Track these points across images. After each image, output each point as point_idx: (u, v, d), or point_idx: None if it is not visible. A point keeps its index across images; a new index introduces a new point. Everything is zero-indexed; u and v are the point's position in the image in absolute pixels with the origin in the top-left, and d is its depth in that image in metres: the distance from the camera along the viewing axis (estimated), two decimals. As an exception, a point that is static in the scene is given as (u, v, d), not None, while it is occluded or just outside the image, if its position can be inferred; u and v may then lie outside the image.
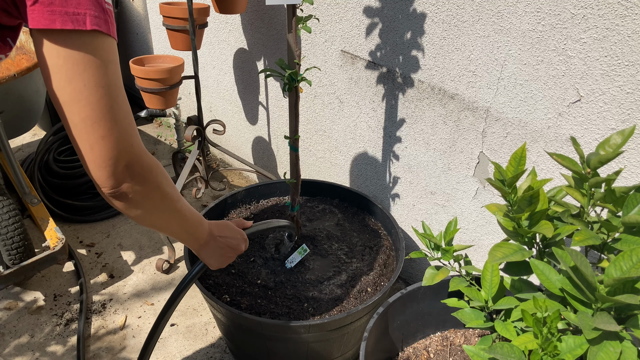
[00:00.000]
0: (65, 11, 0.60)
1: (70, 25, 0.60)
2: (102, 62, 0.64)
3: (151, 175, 0.75)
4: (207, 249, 1.01)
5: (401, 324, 1.33)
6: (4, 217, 1.73)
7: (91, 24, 0.62)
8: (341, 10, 1.74)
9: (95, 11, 0.62)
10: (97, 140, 0.66)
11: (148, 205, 0.77)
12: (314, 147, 2.15)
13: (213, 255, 1.02)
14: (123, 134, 0.68)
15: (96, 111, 0.65)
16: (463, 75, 1.46)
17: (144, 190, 0.75)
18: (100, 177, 0.69)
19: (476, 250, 1.66)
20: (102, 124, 0.66)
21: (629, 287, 0.77)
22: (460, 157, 1.57)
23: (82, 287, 1.94)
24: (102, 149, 0.67)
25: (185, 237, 0.93)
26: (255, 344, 1.46)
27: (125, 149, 0.69)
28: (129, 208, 0.76)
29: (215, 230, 1.01)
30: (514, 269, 1.00)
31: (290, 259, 1.62)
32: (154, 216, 0.81)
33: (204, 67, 2.63)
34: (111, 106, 0.66)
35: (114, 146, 0.67)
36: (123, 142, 0.68)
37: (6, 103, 1.93)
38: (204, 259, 1.03)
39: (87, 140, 0.66)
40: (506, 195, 0.94)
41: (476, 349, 0.89)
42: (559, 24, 1.21)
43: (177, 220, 0.87)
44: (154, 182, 0.76)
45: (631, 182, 1.21)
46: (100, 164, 0.68)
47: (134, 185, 0.73)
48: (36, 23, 0.60)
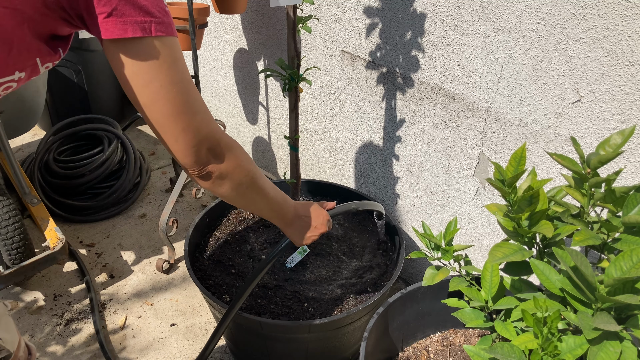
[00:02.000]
0: (134, 20, 0.66)
1: (139, 33, 0.66)
2: (172, 62, 0.70)
3: (232, 154, 0.83)
4: (293, 227, 1.07)
5: (401, 324, 1.33)
6: (4, 217, 1.73)
7: (156, 30, 0.68)
8: (341, 10, 1.74)
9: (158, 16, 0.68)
10: (180, 133, 0.74)
11: (232, 183, 0.85)
12: (314, 147, 2.15)
13: (298, 233, 1.09)
14: (201, 123, 0.76)
15: (175, 107, 0.72)
16: (463, 75, 1.46)
17: (227, 169, 0.83)
18: (188, 163, 0.78)
19: (476, 250, 1.66)
20: (182, 117, 0.73)
21: (629, 287, 0.77)
22: (460, 157, 1.58)
23: (89, 284, 1.94)
24: (185, 140, 0.75)
25: (271, 214, 1.00)
26: (255, 344, 1.46)
27: (205, 136, 0.77)
28: (216, 186, 0.84)
29: (301, 209, 1.08)
30: (514, 269, 0.99)
31: (290, 259, 1.62)
32: (240, 193, 0.88)
33: (204, 67, 2.63)
34: (187, 100, 0.73)
35: (195, 135, 0.75)
36: (203, 130, 0.76)
37: (6, 103, 1.93)
38: (289, 235, 1.10)
39: (172, 134, 0.74)
40: (506, 195, 0.94)
41: (476, 349, 0.89)
42: (559, 24, 1.21)
43: (262, 197, 0.93)
44: (236, 162, 0.84)
45: (631, 182, 1.21)
46: (186, 153, 0.76)
47: (218, 165, 0.81)
48: (110, 34, 0.66)
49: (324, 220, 1.13)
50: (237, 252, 1.68)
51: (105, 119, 2.64)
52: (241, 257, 1.66)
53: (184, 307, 1.90)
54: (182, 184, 2.10)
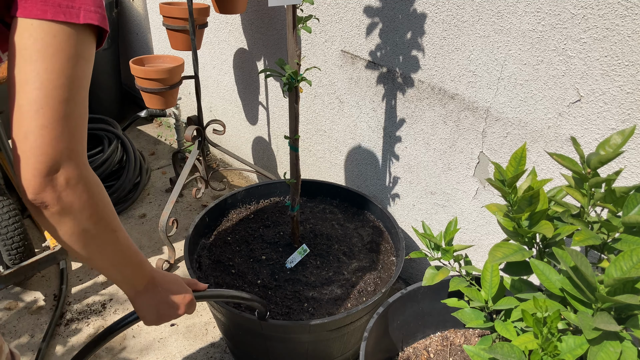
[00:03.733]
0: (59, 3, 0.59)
1: (62, 17, 0.59)
2: (76, 55, 0.60)
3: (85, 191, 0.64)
4: (144, 298, 0.84)
5: (401, 324, 1.33)
6: (4, 217, 1.73)
7: (85, 17, 0.60)
8: (341, 10, 1.74)
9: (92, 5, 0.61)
10: (35, 129, 0.59)
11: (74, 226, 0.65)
12: (314, 147, 2.15)
13: (149, 307, 0.85)
14: (67, 133, 0.60)
15: (47, 97, 0.59)
16: (463, 75, 1.46)
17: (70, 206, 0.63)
18: (26, 173, 0.60)
19: (476, 250, 1.66)
20: (47, 113, 0.59)
21: (629, 287, 0.77)
22: (460, 157, 1.57)
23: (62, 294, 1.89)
24: (37, 140, 0.59)
25: (119, 277, 0.78)
26: (255, 344, 1.46)
27: (64, 150, 0.60)
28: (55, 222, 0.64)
29: (160, 279, 0.85)
30: (514, 269, 1.00)
31: (291, 259, 1.63)
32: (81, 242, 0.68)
33: (204, 67, 2.63)
34: (66, 99, 0.60)
35: (51, 141, 0.59)
36: (64, 141, 0.60)
37: (6, 103, 1.93)
38: (137, 309, 0.85)
39: (26, 125, 0.59)
40: (506, 195, 0.94)
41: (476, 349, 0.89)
42: (559, 24, 1.21)
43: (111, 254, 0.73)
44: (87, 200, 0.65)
45: (631, 182, 1.21)
46: (30, 157, 0.59)
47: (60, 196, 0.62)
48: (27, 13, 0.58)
49: (186, 301, 0.89)
50: (237, 252, 1.68)
51: (105, 119, 2.64)
52: (241, 257, 1.66)
53: (184, 307, 1.90)
54: (182, 184, 2.10)
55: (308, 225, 1.80)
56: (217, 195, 2.55)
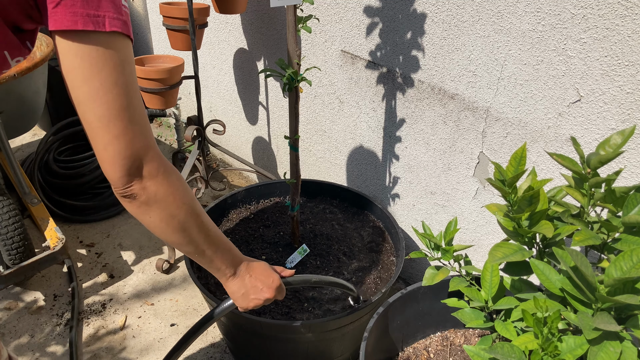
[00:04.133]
0: (86, 13, 0.62)
1: (91, 26, 0.62)
2: (119, 62, 0.65)
3: (167, 179, 0.73)
4: (237, 283, 0.91)
5: (401, 324, 1.33)
6: (4, 217, 1.73)
7: (110, 25, 0.63)
8: (341, 10, 1.74)
9: (114, 13, 0.64)
10: (111, 140, 0.66)
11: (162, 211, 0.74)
12: (314, 147, 2.15)
13: (241, 292, 0.92)
14: (137, 135, 0.68)
15: (112, 110, 0.65)
16: (463, 75, 1.46)
17: (156, 193, 0.72)
18: (113, 176, 0.69)
19: (476, 250, 1.66)
20: (117, 123, 0.66)
21: (629, 287, 0.77)
22: (460, 157, 1.57)
23: (74, 291, 1.91)
24: (115, 148, 0.67)
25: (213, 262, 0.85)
26: (255, 344, 1.46)
27: (139, 150, 0.69)
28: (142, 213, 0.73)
29: (249, 264, 0.92)
30: (514, 269, 0.99)
31: (291, 259, 1.63)
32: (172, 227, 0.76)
33: (204, 67, 2.63)
34: (127, 106, 0.66)
35: (127, 146, 0.67)
36: (137, 143, 0.68)
37: (6, 103, 1.93)
38: (231, 292, 0.93)
39: (102, 139, 0.66)
40: (506, 195, 0.94)
41: (476, 349, 0.89)
42: (559, 24, 1.21)
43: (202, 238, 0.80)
44: (169, 187, 0.73)
45: (631, 182, 1.21)
46: (114, 163, 0.67)
47: (145, 186, 0.71)
48: (59, 24, 0.61)
49: (274, 285, 0.94)
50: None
51: (105, 119, 2.63)
52: (241, 257, 1.66)
53: (184, 307, 1.90)
54: (182, 184, 2.09)
55: (308, 225, 1.80)
56: (217, 195, 2.55)
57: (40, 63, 1.84)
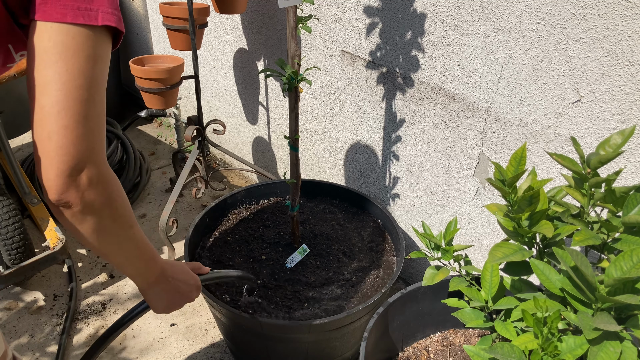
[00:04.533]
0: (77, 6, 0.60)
1: (81, 19, 0.60)
2: (94, 56, 0.62)
3: (105, 189, 0.67)
4: (155, 289, 0.89)
5: (401, 324, 1.33)
6: (4, 217, 1.73)
7: (102, 19, 0.62)
8: (341, 10, 1.74)
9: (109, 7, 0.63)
10: (59, 129, 0.61)
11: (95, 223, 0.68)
12: (314, 147, 2.15)
13: (160, 298, 0.90)
14: (88, 133, 0.63)
15: (68, 98, 0.61)
16: (463, 75, 1.46)
17: (92, 205, 0.66)
18: (49, 174, 0.62)
19: (476, 250, 1.66)
20: (69, 113, 0.61)
21: (629, 287, 0.77)
22: (460, 157, 1.58)
23: (72, 292, 1.90)
24: (60, 140, 0.61)
25: (131, 271, 0.82)
26: (255, 344, 1.46)
27: (85, 150, 0.63)
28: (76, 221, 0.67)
29: (169, 270, 0.90)
30: (514, 269, 0.99)
31: (291, 259, 1.63)
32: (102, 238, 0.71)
33: (204, 67, 2.63)
34: (86, 99, 0.62)
35: (74, 140, 0.62)
36: (85, 142, 0.63)
37: (6, 103, 1.93)
38: (149, 300, 0.90)
39: (49, 126, 0.61)
40: (506, 195, 0.94)
41: (476, 349, 0.89)
42: (559, 24, 1.21)
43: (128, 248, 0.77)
44: (106, 198, 0.68)
45: (631, 182, 1.21)
46: (54, 158, 0.61)
47: (83, 195, 0.65)
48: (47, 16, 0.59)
49: (195, 286, 0.96)
50: (237, 252, 1.68)
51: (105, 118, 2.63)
52: (241, 257, 1.66)
53: (184, 307, 1.90)
54: (182, 184, 2.10)
55: (308, 225, 1.80)
56: (217, 195, 2.55)
57: (40, 63, 1.84)
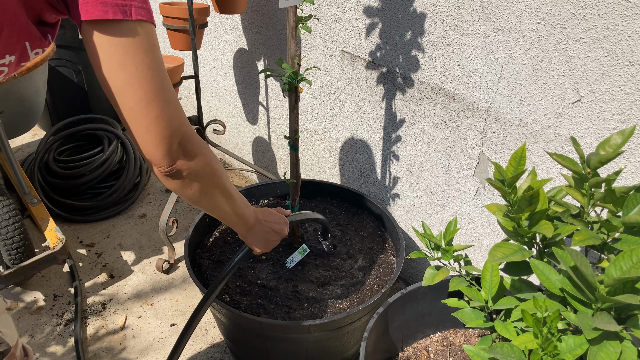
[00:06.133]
0: (115, 3, 0.65)
1: (120, 15, 0.65)
2: (149, 47, 0.69)
3: (202, 153, 0.79)
4: (254, 232, 1.04)
5: (401, 324, 1.33)
6: (4, 217, 1.73)
7: (136, 14, 0.67)
8: (341, 10, 1.74)
9: (139, 2, 0.68)
10: (153, 121, 0.70)
11: (201, 183, 0.81)
12: (314, 147, 2.15)
13: (259, 238, 1.06)
14: (175, 113, 0.73)
15: (149, 92, 0.69)
16: (463, 75, 1.46)
17: (196, 168, 0.79)
18: (157, 156, 0.74)
19: (476, 250, 1.66)
20: (155, 105, 0.70)
21: (629, 287, 0.77)
22: (460, 157, 1.58)
23: (77, 290, 1.92)
24: (157, 128, 0.71)
25: (235, 218, 0.96)
26: (255, 344, 1.46)
27: (178, 127, 0.74)
28: (184, 187, 0.80)
29: (261, 214, 1.05)
30: (514, 269, 1.00)
31: (291, 259, 1.63)
32: (207, 195, 0.85)
33: (204, 67, 2.63)
34: (161, 87, 0.70)
35: (167, 124, 0.72)
36: (176, 121, 0.73)
37: (6, 103, 1.93)
38: (250, 242, 1.07)
39: (144, 121, 0.70)
40: (506, 195, 0.94)
41: (476, 349, 0.89)
42: (559, 24, 1.21)
43: (228, 199, 0.90)
44: (205, 160, 0.80)
45: (631, 182, 1.21)
46: (157, 144, 0.72)
47: (188, 163, 0.77)
48: (89, 15, 0.64)
49: (284, 223, 1.11)
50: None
51: (105, 118, 2.64)
52: (241, 257, 1.66)
53: (184, 307, 1.90)
54: (182, 184, 2.09)
55: (308, 225, 1.80)
56: (217, 195, 2.55)
57: (40, 63, 1.84)
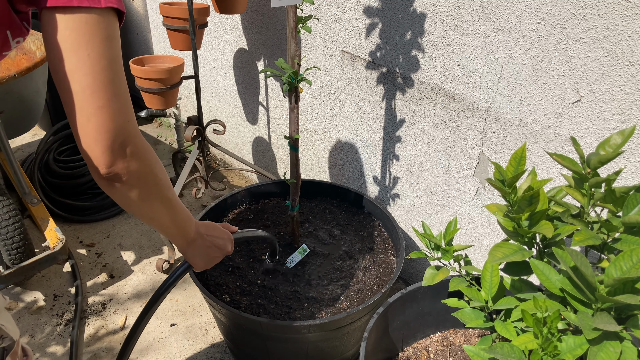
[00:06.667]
0: None
1: (86, 3, 0.64)
2: (107, 36, 0.67)
3: (146, 157, 0.75)
4: (194, 247, 0.98)
5: (401, 324, 1.33)
6: (4, 217, 1.73)
7: (105, 1, 0.65)
8: (341, 10, 1.74)
9: None
10: (95, 111, 0.66)
11: (141, 189, 0.76)
12: (314, 147, 2.15)
13: (200, 254, 0.99)
14: (121, 108, 0.69)
15: (97, 81, 0.66)
16: (463, 75, 1.46)
17: (137, 172, 0.73)
18: (95, 151, 0.69)
19: (476, 250, 1.66)
20: (101, 94, 0.66)
21: (629, 287, 0.77)
22: (460, 157, 1.58)
23: (78, 289, 1.92)
24: (99, 120, 0.67)
25: (175, 231, 0.91)
26: (255, 344, 1.46)
27: (122, 125, 0.69)
28: (122, 192, 0.74)
29: (203, 228, 0.99)
30: (514, 269, 1.00)
31: (291, 258, 1.63)
32: (146, 203, 0.79)
33: (204, 67, 2.63)
34: (112, 79, 0.67)
35: (111, 118, 0.67)
36: (120, 117, 0.69)
37: (6, 103, 1.93)
38: (189, 258, 1.00)
39: (86, 109, 0.66)
40: (506, 196, 0.94)
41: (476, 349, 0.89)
42: (559, 24, 1.21)
43: (168, 210, 0.85)
44: (148, 165, 0.75)
45: (631, 182, 1.21)
46: (97, 137, 0.68)
47: (129, 166, 0.72)
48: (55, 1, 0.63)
49: (228, 240, 1.05)
50: (237, 252, 1.68)
51: (105, 119, 2.63)
52: (241, 257, 1.66)
53: (184, 307, 1.90)
54: (182, 184, 2.10)
55: (308, 225, 1.80)
56: (217, 195, 2.55)
57: (40, 63, 1.84)
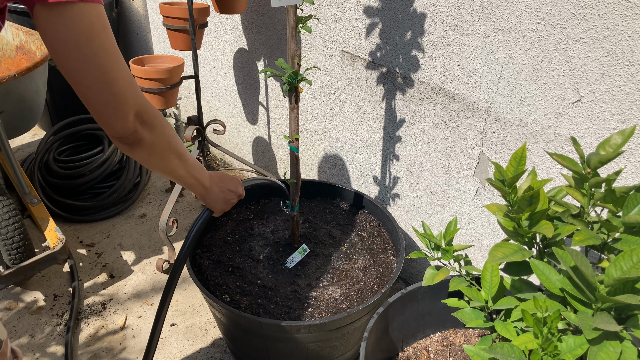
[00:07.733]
0: None
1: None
2: (101, 28, 0.72)
3: (159, 121, 0.86)
4: (212, 193, 1.11)
5: (401, 324, 1.33)
6: (4, 217, 1.73)
7: None
8: (341, 10, 1.74)
9: None
10: (110, 97, 0.76)
11: (158, 148, 0.88)
12: (314, 147, 2.15)
13: (218, 198, 1.12)
14: (129, 88, 0.78)
15: (104, 72, 0.74)
16: (463, 75, 1.46)
17: (153, 135, 0.85)
18: (116, 127, 0.79)
19: (476, 250, 1.66)
20: (110, 82, 0.75)
21: (629, 287, 0.77)
22: (461, 157, 1.57)
23: (75, 291, 1.91)
24: (114, 104, 0.77)
25: (192, 180, 1.03)
26: (255, 344, 1.46)
27: (134, 100, 0.79)
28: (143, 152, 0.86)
29: (216, 177, 1.13)
30: (514, 269, 1.00)
31: (291, 258, 1.63)
32: (164, 159, 0.92)
33: (204, 67, 2.63)
34: (115, 65, 0.75)
35: (125, 100, 0.77)
36: (132, 94, 0.78)
37: (6, 103, 1.93)
38: (209, 203, 1.13)
39: (102, 98, 0.76)
40: (506, 195, 0.94)
41: (476, 349, 0.89)
42: (559, 24, 1.21)
43: (184, 163, 0.97)
44: (161, 127, 0.87)
45: (631, 182, 1.21)
46: (116, 117, 0.78)
47: (145, 131, 0.83)
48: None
49: (239, 184, 1.18)
50: (237, 252, 1.68)
51: (105, 119, 2.63)
52: (241, 257, 1.66)
53: (184, 307, 1.90)
54: (182, 184, 2.09)
55: (308, 225, 1.80)
56: (217, 195, 2.55)
57: (40, 63, 1.84)
